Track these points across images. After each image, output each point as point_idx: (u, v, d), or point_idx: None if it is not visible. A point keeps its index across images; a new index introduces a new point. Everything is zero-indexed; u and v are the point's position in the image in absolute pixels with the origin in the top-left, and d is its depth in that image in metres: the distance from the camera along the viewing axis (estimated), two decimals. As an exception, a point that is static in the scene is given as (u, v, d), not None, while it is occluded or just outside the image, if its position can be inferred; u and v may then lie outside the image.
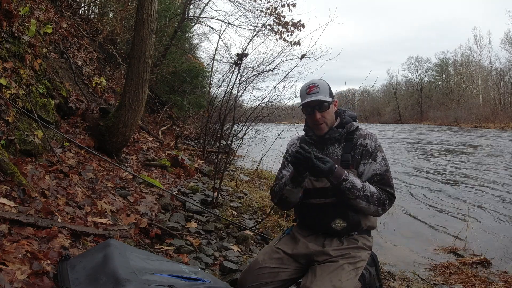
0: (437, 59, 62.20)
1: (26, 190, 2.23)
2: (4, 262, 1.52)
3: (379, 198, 1.63)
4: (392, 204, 1.70)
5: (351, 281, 1.57)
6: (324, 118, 1.73)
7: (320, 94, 1.71)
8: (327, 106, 1.72)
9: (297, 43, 7.17)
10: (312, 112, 1.73)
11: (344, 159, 1.71)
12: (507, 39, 45.13)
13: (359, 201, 1.61)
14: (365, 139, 1.73)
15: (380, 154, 1.71)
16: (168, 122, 9.59)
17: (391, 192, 1.67)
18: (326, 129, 1.76)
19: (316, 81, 1.77)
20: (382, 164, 1.69)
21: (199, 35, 14.31)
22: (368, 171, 1.68)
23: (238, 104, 6.00)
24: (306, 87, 1.76)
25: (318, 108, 1.72)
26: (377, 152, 1.71)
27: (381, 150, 1.73)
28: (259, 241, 3.29)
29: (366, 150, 1.71)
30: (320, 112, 1.72)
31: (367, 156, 1.70)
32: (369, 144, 1.72)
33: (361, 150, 1.71)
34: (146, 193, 3.54)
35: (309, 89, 1.74)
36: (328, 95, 1.73)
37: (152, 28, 4.02)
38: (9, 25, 3.01)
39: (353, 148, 1.73)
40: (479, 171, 9.02)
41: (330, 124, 1.76)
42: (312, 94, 1.72)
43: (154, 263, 1.66)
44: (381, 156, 1.71)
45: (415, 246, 4.14)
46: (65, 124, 4.03)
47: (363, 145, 1.72)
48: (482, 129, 32.74)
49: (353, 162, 1.71)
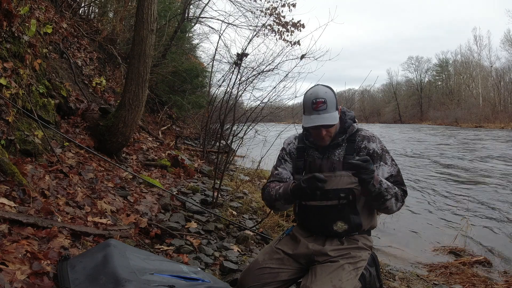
0: (437, 59, 62.30)
1: (26, 190, 2.23)
2: (4, 262, 1.52)
3: (401, 195, 1.67)
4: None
5: (351, 281, 1.57)
6: (330, 133, 1.68)
7: (327, 111, 1.61)
8: (334, 124, 1.65)
9: (297, 43, 7.18)
10: (318, 129, 1.65)
11: (347, 161, 1.67)
12: (507, 39, 45.16)
13: (391, 200, 1.61)
14: (369, 142, 1.71)
15: (388, 155, 1.72)
16: (168, 122, 9.59)
17: (405, 190, 1.70)
18: (329, 141, 1.71)
19: (322, 94, 1.63)
20: (393, 165, 1.71)
21: (199, 35, 14.30)
22: (382, 173, 1.68)
23: (238, 104, 6.01)
24: (313, 101, 1.62)
25: (325, 126, 1.64)
26: (385, 154, 1.71)
27: (388, 151, 1.74)
28: (259, 241, 3.29)
29: (375, 153, 1.69)
30: (326, 129, 1.66)
31: (378, 159, 1.70)
32: (375, 147, 1.70)
33: (366, 153, 1.69)
34: (146, 193, 3.54)
35: (316, 104, 1.61)
36: (335, 108, 1.65)
37: (152, 28, 4.02)
38: (9, 25, 3.01)
39: (356, 151, 1.71)
40: (479, 171, 9.02)
41: (333, 135, 1.72)
42: (319, 111, 1.61)
43: (154, 263, 1.66)
44: (390, 158, 1.72)
45: (415, 246, 4.15)
46: (65, 124, 4.03)
47: (368, 148, 1.70)
48: (482, 129, 32.73)
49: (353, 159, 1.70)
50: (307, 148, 1.80)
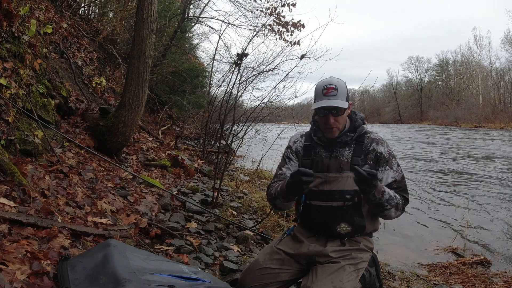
0: (437, 59, 62.38)
1: (26, 190, 2.23)
2: (4, 262, 1.52)
3: (402, 204, 1.66)
4: None
5: (352, 282, 1.57)
6: (337, 123, 1.67)
7: (337, 98, 1.62)
8: (342, 112, 1.65)
9: (297, 43, 7.17)
10: (326, 115, 1.65)
11: (354, 162, 1.67)
12: (507, 39, 45.21)
13: (391, 210, 1.61)
14: (377, 144, 1.71)
15: (394, 160, 1.71)
16: (168, 122, 9.59)
17: (407, 198, 1.70)
18: (337, 133, 1.70)
19: (335, 82, 1.64)
20: (398, 171, 1.70)
21: (199, 35, 14.33)
22: (387, 178, 1.68)
23: (238, 104, 6.01)
24: (324, 87, 1.64)
25: (333, 113, 1.63)
26: (392, 159, 1.70)
27: (395, 156, 1.73)
28: (259, 241, 3.29)
29: (382, 157, 1.69)
30: (334, 117, 1.64)
31: (384, 163, 1.69)
32: (383, 151, 1.70)
33: (374, 156, 1.69)
34: (146, 193, 3.54)
35: (327, 90, 1.63)
36: (345, 98, 1.64)
37: (152, 28, 4.02)
38: (9, 25, 3.01)
39: (364, 153, 1.70)
40: (479, 171, 9.02)
41: (341, 128, 1.71)
42: (329, 96, 1.62)
43: (154, 263, 1.66)
44: (396, 163, 1.71)
45: (415, 246, 4.15)
46: (65, 124, 4.03)
47: (377, 151, 1.69)
48: (482, 129, 32.74)
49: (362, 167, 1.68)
50: (315, 147, 1.78)
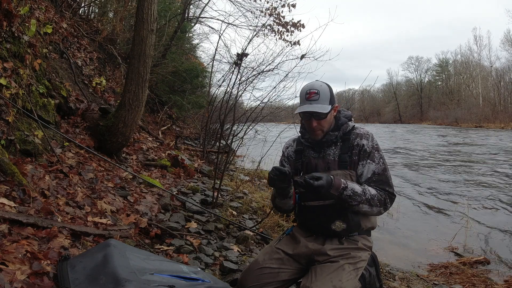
0: (437, 59, 62.33)
1: (26, 190, 2.23)
2: (4, 262, 1.52)
3: (380, 199, 1.64)
4: (393, 202, 1.71)
5: (351, 281, 1.57)
6: (320, 126, 1.70)
7: (319, 102, 1.66)
8: (324, 116, 1.68)
9: (297, 43, 7.18)
10: (309, 119, 1.70)
11: (342, 160, 1.71)
12: (507, 39, 45.13)
13: (361, 206, 1.62)
14: (361, 139, 1.72)
15: (377, 153, 1.70)
16: (168, 122, 9.59)
17: (390, 191, 1.68)
18: (321, 135, 1.73)
19: (317, 87, 1.69)
20: (380, 164, 1.69)
21: (199, 35, 14.33)
22: (367, 171, 1.68)
23: (238, 104, 6.01)
24: (307, 91, 1.69)
25: (315, 117, 1.68)
26: (374, 152, 1.70)
27: (378, 149, 1.72)
28: (259, 241, 3.29)
29: (364, 150, 1.70)
30: (316, 120, 1.69)
31: (365, 156, 1.69)
32: (365, 144, 1.70)
33: (358, 150, 1.70)
34: (146, 193, 3.54)
35: (309, 94, 1.67)
36: (328, 101, 1.68)
37: (152, 28, 4.02)
38: (9, 25, 3.01)
39: (350, 149, 1.72)
40: (479, 171, 9.02)
41: (326, 130, 1.73)
42: (311, 101, 1.67)
43: (154, 263, 1.66)
44: (379, 156, 1.70)
45: (415, 246, 4.15)
46: (65, 124, 4.03)
47: (359, 145, 1.71)
48: (482, 129, 32.74)
49: (350, 163, 1.70)
50: (305, 149, 1.83)
